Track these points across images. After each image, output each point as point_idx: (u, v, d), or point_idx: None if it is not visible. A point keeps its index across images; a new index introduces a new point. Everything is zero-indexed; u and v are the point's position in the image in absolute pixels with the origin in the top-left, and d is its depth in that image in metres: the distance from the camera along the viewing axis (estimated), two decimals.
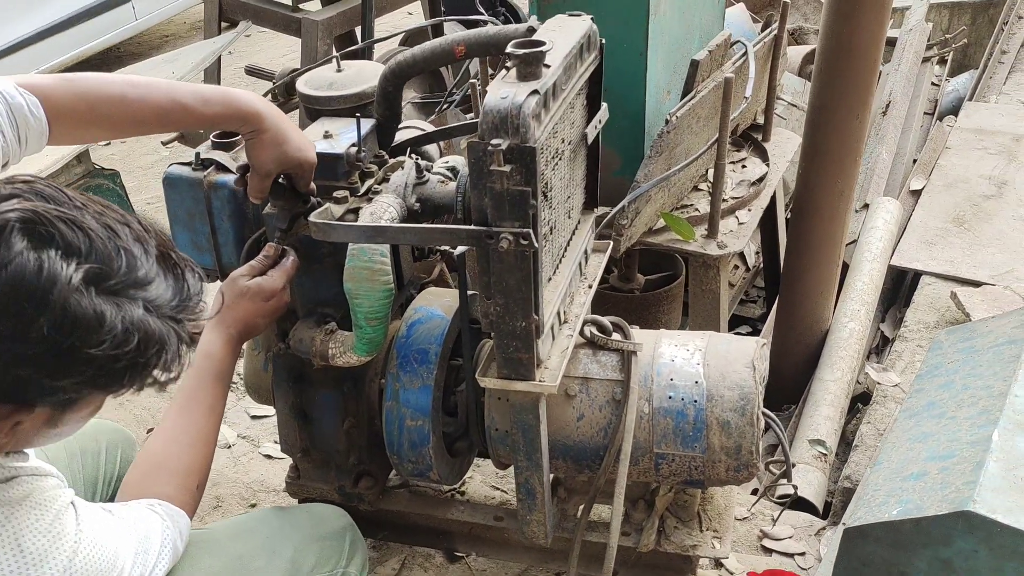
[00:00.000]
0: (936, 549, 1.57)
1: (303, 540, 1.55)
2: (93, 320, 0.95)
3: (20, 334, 0.93)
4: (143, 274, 1.01)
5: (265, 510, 1.67)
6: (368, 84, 1.77)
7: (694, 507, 1.85)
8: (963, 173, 3.74)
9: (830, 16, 2.37)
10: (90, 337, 0.96)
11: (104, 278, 0.97)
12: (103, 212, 1.02)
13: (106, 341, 0.96)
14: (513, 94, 1.30)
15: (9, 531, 1.04)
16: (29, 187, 0.99)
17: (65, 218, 0.97)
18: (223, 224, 1.69)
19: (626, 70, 2.26)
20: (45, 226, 0.95)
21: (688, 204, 2.60)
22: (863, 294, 2.94)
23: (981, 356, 1.94)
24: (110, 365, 0.99)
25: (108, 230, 1.00)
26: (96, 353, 0.96)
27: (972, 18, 5.64)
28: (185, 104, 1.39)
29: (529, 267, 1.38)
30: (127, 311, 0.98)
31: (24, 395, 0.98)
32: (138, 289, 1.00)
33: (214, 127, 1.52)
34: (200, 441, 1.49)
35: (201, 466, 1.47)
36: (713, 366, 1.66)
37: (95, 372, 0.98)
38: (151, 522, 1.28)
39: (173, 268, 1.06)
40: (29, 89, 1.26)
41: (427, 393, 1.70)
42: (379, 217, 1.52)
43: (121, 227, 1.02)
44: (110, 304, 0.97)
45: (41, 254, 0.93)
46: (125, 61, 6.95)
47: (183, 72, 3.68)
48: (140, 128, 1.42)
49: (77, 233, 0.97)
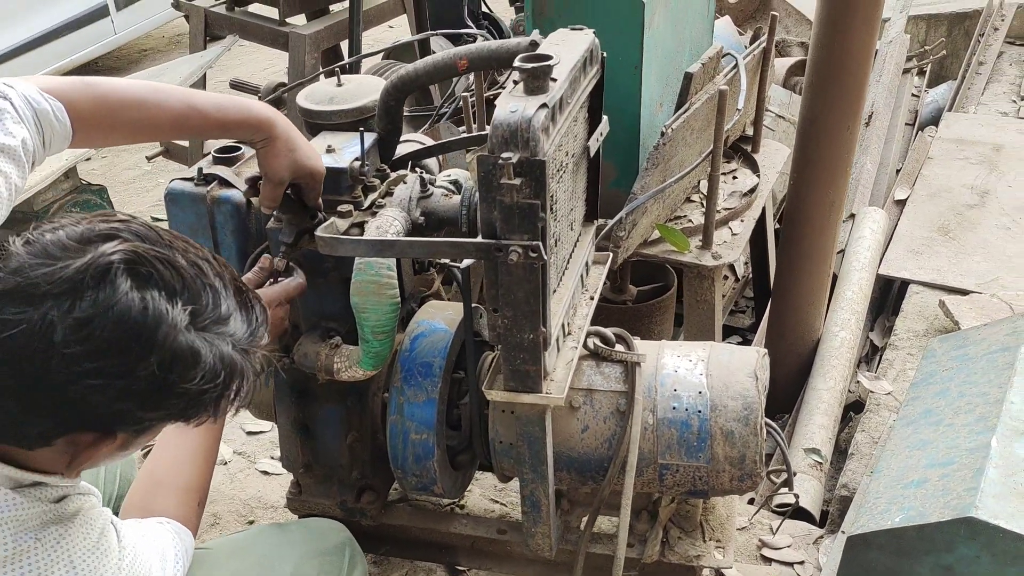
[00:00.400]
0: (939, 555, 1.59)
1: (302, 556, 1.55)
2: (190, 357, 1.00)
3: (128, 371, 0.96)
4: (225, 310, 1.05)
5: (263, 527, 1.67)
6: (369, 98, 1.78)
7: (696, 517, 1.86)
8: (946, 183, 3.80)
9: (821, 28, 2.41)
10: (187, 373, 1.00)
11: (198, 316, 1.01)
12: (187, 249, 1.05)
13: (199, 376, 1.01)
14: (522, 108, 1.31)
15: (63, 549, 1.06)
16: (125, 226, 1.02)
17: (162, 258, 1.00)
18: (226, 239, 1.68)
19: (621, 83, 2.28)
20: (145, 266, 0.98)
21: (681, 215, 2.62)
22: (853, 303, 2.98)
23: (975, 364, 1.97)
24: (199, 398, 1.03)
25: (195, 268, 1.03)
26: (190, 388, 1.01)
27: (948, 30, 5.74)
28: (201, 110, 1.40)
29: (538, 279, 1.38)
30: (217, 347, 1.03)
31: (114, 425, 1.02)
32: (222, 325, 1.05)
33: (227, 134, 1.53)
34: (200, 457, 1.48)
35: (201, 483, 1.47)
36: (716, 376, 1.68)
37: (185, 404, 1.03)
38: (165, 539, 1.29)
39: (246, 302, 1.10)
40: (53, 93, 1.27)
41: (432, 406, 1.70)
42: (385, 231, 1.52)
43: (205, 264, 1.05)
44: (203, 341, 1.01)
45: (145, 294, 0.97)
46: (104, 75, 6.89)
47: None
48: (156, 133, 1.44)
49: (172, 273, 1.00)
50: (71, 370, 0.94)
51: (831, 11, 2.39)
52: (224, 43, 4.40)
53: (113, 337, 0.95)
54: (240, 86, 4.87)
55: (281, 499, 2.40)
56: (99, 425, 1.01)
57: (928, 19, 5.76)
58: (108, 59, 7.26)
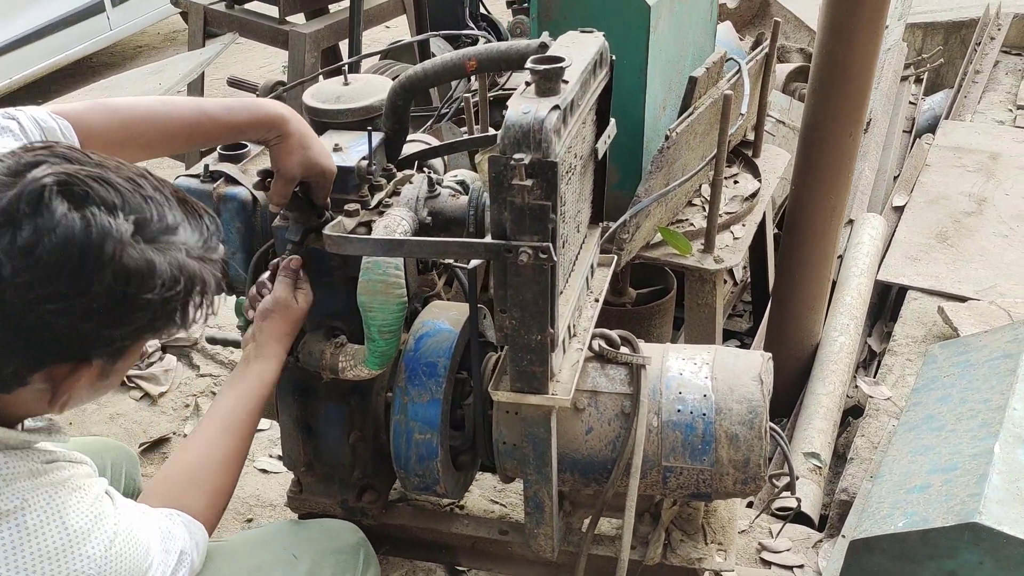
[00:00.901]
0: (941, 561, 1.59)
1: (319, 553, 1.55)
2: (145, 268, 1.01)
3: (83, 290, 0.97)
4: (172, 220, 1.06)
5: (281, 523, 1.67)
6: (376, 97, 1.78)
7: (698, 520, 1.86)
8: (943, 190, 3.82)
9: (824, 35, 2.41)
10: (144, 284, 1.01)
11: (144, 227, 1.02)
12: (120, 167, 1.05)
13: (158, 286, 1.02)
14: (535, 109, 1.31)
15: (55, 507, 1.05)
16: (50, 152, 1.02)
17: (94, 176, 1.00)
18: (231, 236, 1.68)
19: (626, 86, 2.28)
20: (79, 185, 0.99)
21: (683, 219, 2.62)
22: (852, 308, 2.99)
23: (977, 370, 1.98)
24: (163, 308, 1.05)
25: (131, 183, 1.04)
26: (152, 298, 1.02)
27: (945, 39, 5.77)
28: (212, 115, 1.41)
29: (547, 281, 1.38)
30: (171, 255, 1.04)
31: (84, 350, 1.02)
32: (171, 234, 1.05)
33: (241, 136, 1.53)
34: (235, 464, 1.48)
35: (230, 489, 1.47)
36: (721, 379, 1.68)
37: (151, 316, 1.04)
38: (174, 530, 1.27)
39: (193, 212, 1.11)
40: (61, 114, 1.29)
41: (436, 407, 1.70)
42: (393, 231, 1.52)
43: (141, 179, 1.06)
44: (155, 251, 1.02)
45: (84, 212, 0.98)
46: (99, 71, 6.90)
47: (170, 83, 3.66)
48: (171, 144, 1.44)
49: (108, 189, 1.00)
50: (26, 299, 0.95)
51: (835, 17, 2.40)
52: (223, 40, 4.39)
53: (61, 259, 0.96)
54: (238, 84, 4.86)
55: (279, 497, 2.40)
56: (70, 353, 1.02)
57: (925, 27, 5.79)
58: (103, 55, 7.24)
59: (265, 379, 1.54)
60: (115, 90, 3.90)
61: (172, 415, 2.81)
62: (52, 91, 5.74)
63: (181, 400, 2.88)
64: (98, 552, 1.07)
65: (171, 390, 2.89)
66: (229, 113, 1.42)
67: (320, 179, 1.53)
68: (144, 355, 2.96)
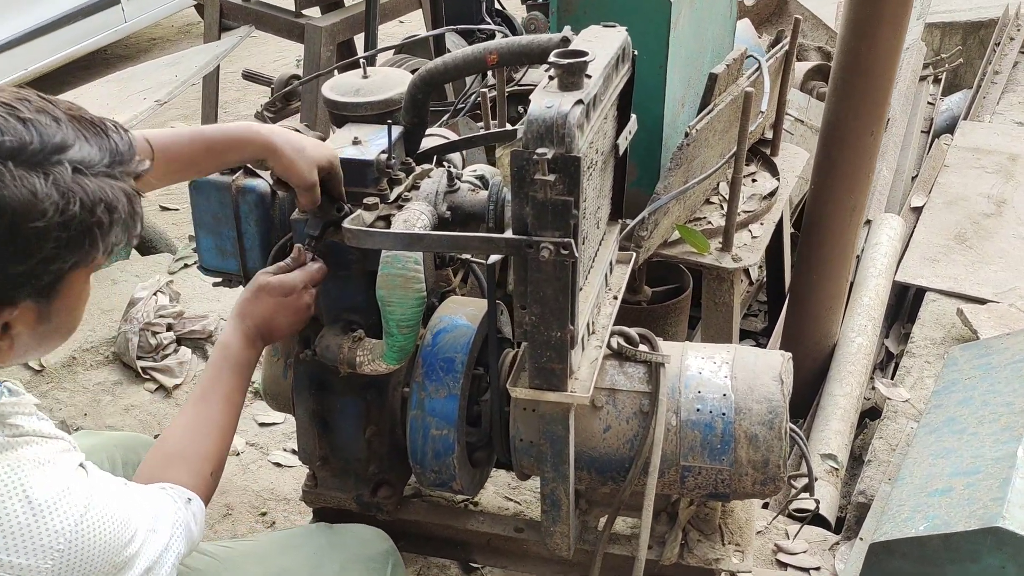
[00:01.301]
0: (963, 565, 1.58)
1: (348, 560, 1.55)
2: (27, 195, 0.95)
3: None
4: (60, 139, 1.00)
5: (311, 527, 1.66)
6: (395, 91, 1.76)
7: (715, 520, 1.84)
8: (962, 191, 3.79)
9: (847, 32, 2.39)
10: (30, 211, 0.96)
11: (19, 152, 0.96)
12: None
13: (48, 212, 0.96)
14: (558, 104, 1.29)
15: (17, 482, 1.01)
16: None
17: None
18: (250, 229, 1.67)
19: (646, 82, 2.26)
20: None
21: (700, 217, 2.60)
22: (870, 309, 2.96)
23: (999, 373, 1.95)
24: (64, 234, 0.99)
25: (5, 107, 0.99)
26: (43, 225, 0.96)
27: (963, 39, 5.72)
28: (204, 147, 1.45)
29: (568, 277, 1.37)
30: (56, 177, 0.98)
31: (2, 293, 0.99)
32: (59, 154, 0.99)
33: (228, 160, 1.53)
34: (216, 430, 1.44)
35: (215, 453, 1.43)
36: (741, 379, 1.66)
37: (54, 245, 0.99)
38: (162, 503, 1.24)
39: (91, 127, 1.05)
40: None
41: (453, 402, 1.69)
42: (412, 225, 1.51)
43: (19, 102, 1.01)
44: (36, 175, 0.96)
45: None
46: (113, 64, 6.91)
47: (186, 76, 3.65)
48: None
49: None
50: None
51: (857, 15, 2.37)
52: (239, 33, 4.39)
53: None
54: (253, 76, 4.85)
55: (293, 491, 2.40)
56: None
57: (943, 27, 5.74)
58: (117, 47, 7.26)
59: (226, 342, 1.51)
60: (131, 82, 3.90)
61: None
62: (67, 83, 5.75)
63: None
64: (67, 526, 1.03)
65: (185, 382, 2.89)
66: (208, 139, 1.45)
67: (331, 171, 1.52)
68: (159, 347, 2.96)
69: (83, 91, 3.98)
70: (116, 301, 3.19)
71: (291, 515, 2.34)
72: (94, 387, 2.90)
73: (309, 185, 1.50)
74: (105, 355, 3.03)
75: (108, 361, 3.01)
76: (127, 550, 1.12)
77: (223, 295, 3.27)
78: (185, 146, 1.45)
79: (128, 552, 1.12)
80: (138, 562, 1.14)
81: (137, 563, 1.14)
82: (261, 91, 6.00)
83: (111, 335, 3.08)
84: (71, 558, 1.03)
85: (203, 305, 3.24)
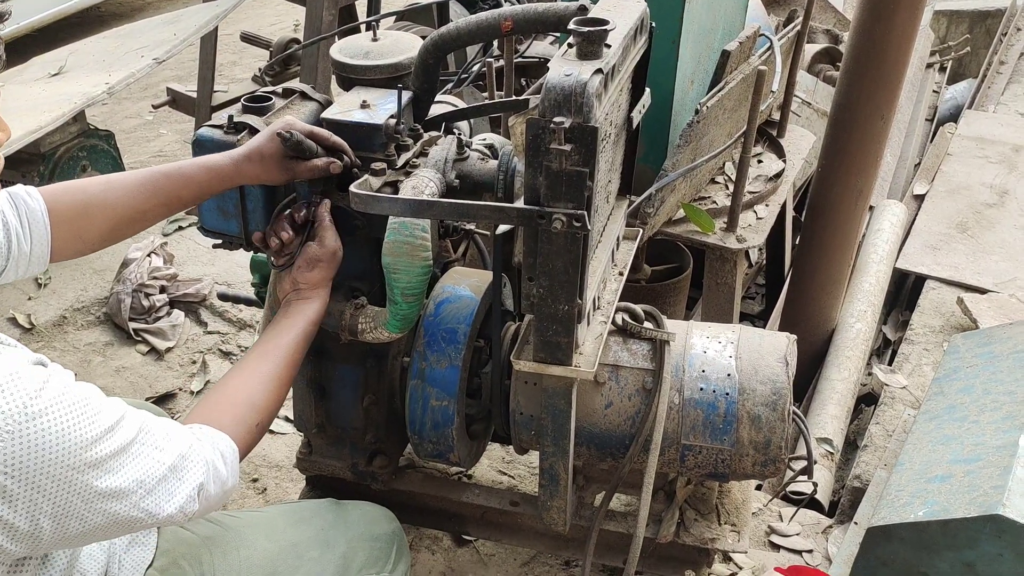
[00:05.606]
0: (961, 551, 1.57)
1: (355, 537, 1.54)
2: None
3: None
4: None
5: (320, 502, 1.65)
6: (405, 55, 1.73)
7: (712, 500, 1.84)
8: (965, 180, 3.77)
9: (863, 14, 2.35)
10: None
11: None
12: None
13: None
14: (577, 72, 1.26)
15: None
16: None
17: None
18: (253, 190, 1.63)
19: (658, 57, 2.21)
20: None
21: (705, 196, 2.58)
22: (870, 295, 2.95)
23: (1001, 362, 1.95)
24: None
25: None
26: None
27: (969, 27, 5.69)
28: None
29: (579, 250, 1.35)
30: None
31: None
32: None
33: (211, 189, 1.52)
34: (273, 383, 1.40)
35: (265, 406, 1.37)
36: (745, 359, 1.65)
37: None
38: (173, 428, 1.17)
39: None
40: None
41: (454, 373, 1.67)
42: (420, 191, 1.48)
43: None
44: None
45: None
46: (107, 21, 6.80)
47: (185, 35, 3.58)
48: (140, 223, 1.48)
49: None
50: None
51: None
52: None
53: None
54: (251, 39, 4.79)
55: (286, 459, 2.38)
56: None
57: (950, 15, 5.70)
58: (112, 5, 7.15)
59: (308, 316, 1.52)
60: (129, 39, 3.83)
61: (179, 371, 2.78)
62: (59, 39, 5.65)
63: (188, 356, 2.85)
64: (14, 408, 0.94)
65: (178, 346, 2.86)
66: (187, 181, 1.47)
67: (299, 152, 1.50)
68: (152, 309, 2.93)
69: (80, 46, 3.91)
70: (109, 261, 3.15)
71: (282, 482, 2.33)
72: (84, 347, 2.87)
73: (300, 172, 1.50)
74: (96, 315, 3.00)
75: (99, 321, 2.98)
76: (100, 445, 1.02)
77: (218, 258, 3.23)
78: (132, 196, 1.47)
79: (103, 446, 1.02)
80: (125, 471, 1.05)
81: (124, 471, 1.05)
82: (258, 54, 5.91)
83: (103, 295, 3.05)
84: (25, 440, 0.95)
85: (197, 268, 3.20)
